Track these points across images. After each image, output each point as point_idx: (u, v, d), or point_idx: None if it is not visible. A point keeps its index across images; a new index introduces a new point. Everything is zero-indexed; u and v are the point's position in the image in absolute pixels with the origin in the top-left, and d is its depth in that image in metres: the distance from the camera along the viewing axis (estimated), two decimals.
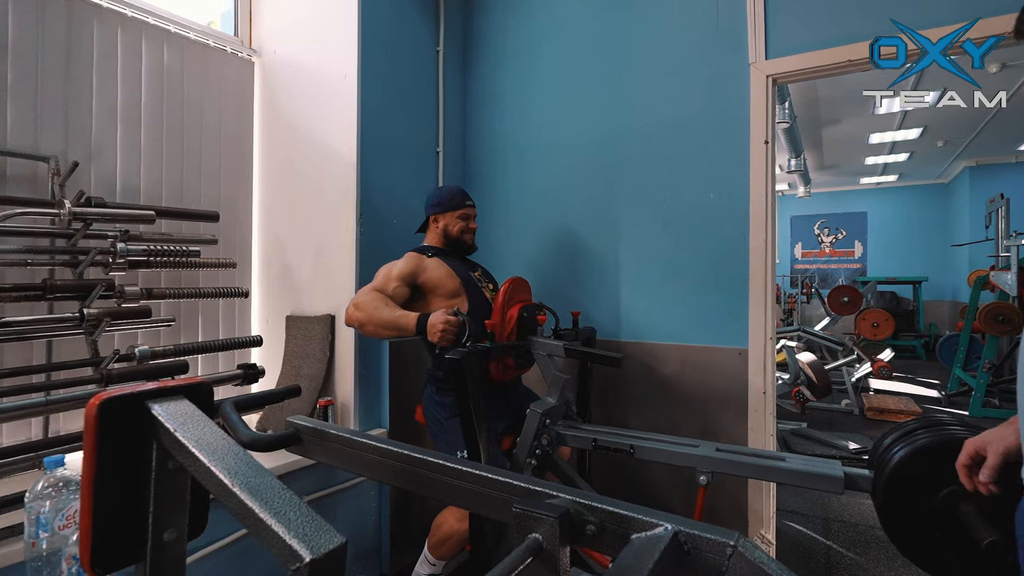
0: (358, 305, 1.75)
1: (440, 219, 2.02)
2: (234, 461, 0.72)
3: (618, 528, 0.81)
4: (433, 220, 2.04)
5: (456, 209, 2.01)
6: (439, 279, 1.90)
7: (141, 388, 0.80)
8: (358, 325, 1.75)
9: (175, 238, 1.90)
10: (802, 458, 1.47)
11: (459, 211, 2.01)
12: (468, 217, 2.04)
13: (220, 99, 2.28)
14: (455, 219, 2.01)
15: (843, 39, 1.91)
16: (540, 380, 2.26)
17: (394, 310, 1.71)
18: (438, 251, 1.99)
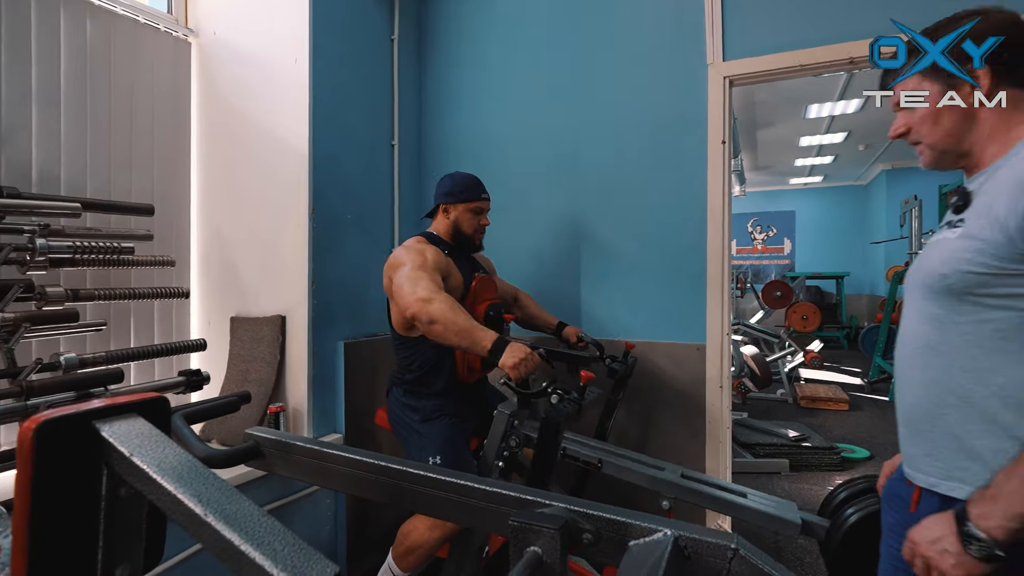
0: (430, 300, 1.55)
1: (451, 211, 1.86)
2: (204, 487, 0.64)
3: (615, 535, 0.79)
4: (443, 210, 1.88)
5: (471, 201, 1.85)
6: (454, 289, 1.77)
7: (87, 407, 0.70)
8: (428, 320, 1.54)
9: (104, 233, 1.72)
10: (762, 497, 1.50)
11: (474, 203, 1.85)
12: (482, 212, 1.89)
13: (153, 82, 2.09)
14: (469, 213, 1.86)
15: (796, 44, 1.98)
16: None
17: (468, 318, 1.55)
18: (450, 248, 1.86)
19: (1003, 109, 0.90)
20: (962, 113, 0.93)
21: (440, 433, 1.75)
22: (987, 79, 0.91)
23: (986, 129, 0.91)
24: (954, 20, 0.95)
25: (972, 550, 0.74)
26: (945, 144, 0.95)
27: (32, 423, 0.66)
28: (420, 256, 1.70)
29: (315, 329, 2.04)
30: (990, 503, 0.75)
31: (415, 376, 1.81)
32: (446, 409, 1.79)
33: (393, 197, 2.49)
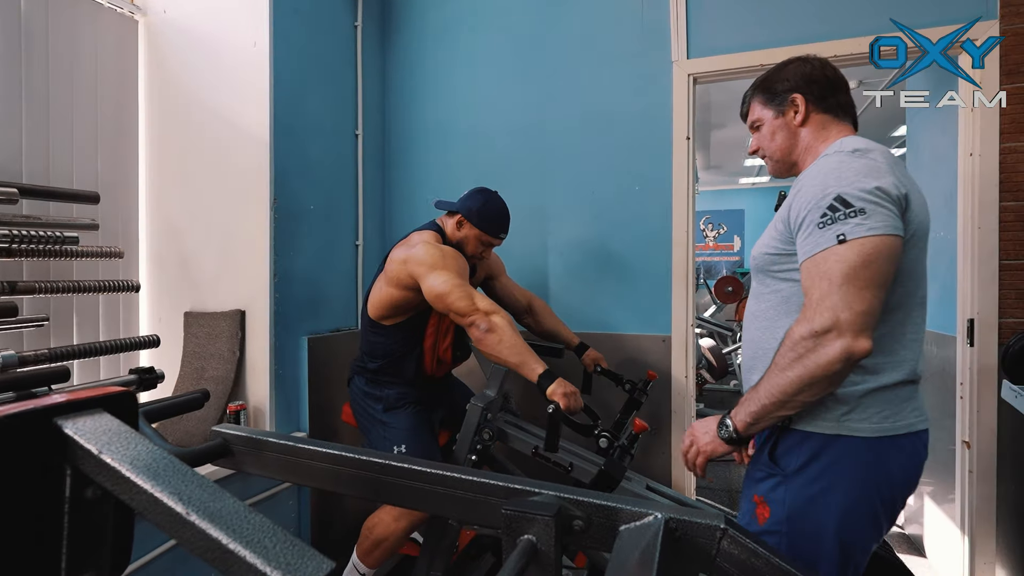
0: (492, 311, 1.56)
1: (466, 227, 1.80)
2: (183, 484, 0.60)
3: (606, 521, 0.80)
4: (460, 221, 1.81)
5: (487, 233, 1.81)
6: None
7: (47, 402, 0.64)
8: (486, 328, 1.54)
9: (45, 222, 1.59)
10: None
11: (487, 237, 1.81)
12: (490, 247, 1.86)
13: (96, 62, 1.95)
14: (478, 241, 1.81)
15: (757, 45, 2.05)
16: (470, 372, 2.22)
17: (523, 348, 1.55)
18: None
19: (815, 129, 1.16)
20: (789, 131, 1.18)
21: (404, 421, 1.72)
22: (802, 106, 1.15)
23: (804, 144, 1.17)
24: (779, 67, 1.21)
25: (721, 432, 1.08)
26: (779, 156, 1.21)
27: None
28: (456, 261, 1.69)
29: (277, 324, 1.96)
30: (739, 407, 1.06)
31: (379, 364, 1.77)
32: (410, 397, 1.77)
33: (357, 187, 2.42)
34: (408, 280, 1.66)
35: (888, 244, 0.95)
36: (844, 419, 1.03)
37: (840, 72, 1.18)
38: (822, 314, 0.94)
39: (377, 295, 1.75)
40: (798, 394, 0.98)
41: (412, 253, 1.68)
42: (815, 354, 0.95)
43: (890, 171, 1.00)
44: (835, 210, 0.97)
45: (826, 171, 1.03)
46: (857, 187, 0.97)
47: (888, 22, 1.87)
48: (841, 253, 0.95)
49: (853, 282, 0.94)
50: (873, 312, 0.95)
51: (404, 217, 2.61)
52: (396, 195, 2.63)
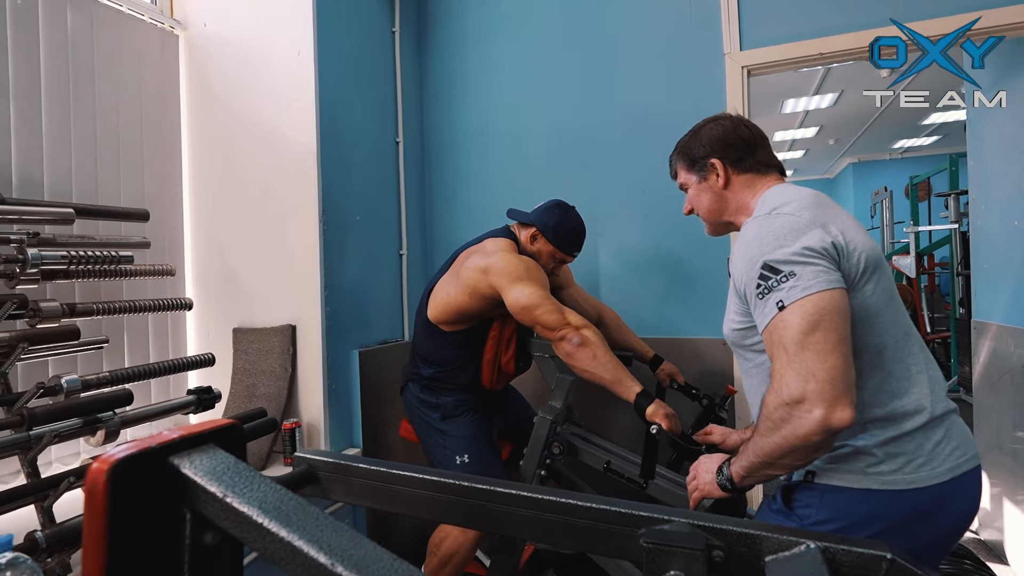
0: (584, 326, 1.52)
1: (541, 242, 1.76)
2: (320, 529, 0.54)
3: (748, 551, 0.72)
4: (535, 235, 1.76)
5: (564, 252, 1.77)
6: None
7: (162, 440, 0.59)
8: (579, 342, 1.50)
9: (100, 242, 1.56)
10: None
11: (562, 255, 1.77)
12: (562, 263, 1.82)
13: (140, 78, 1.93)
14: (553, 258, 1.77)
15: (814, 33, 1.97)
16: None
17: (618, 364, 1.50)
18: None
19: (740, 188, 1.16)
20: (714, 195, 1.19)
21: (463, 430, 1.66)
22: (721, 170, 1.16)
23: (733, 205, 1.17)
24: (696, 130, 1.23)
25: (718, 478, 1.06)
26: (710, 217, 1.22)
27: (104, 463, 0.54)
28: (541, 273, 1.64)
29: (329, 338, 1.91)
30: (737, 457, 1.05)
31: (433, 372, 1.72)
32: (468, 404, 1.71)
33: (399, 196, 2.38)
34: (487, 290, 1.60)
35: (827, 299, 0.91)
36: (872, 471, 0.97)
37: (756, 129, 1.19)
38: (788, 385, 0.91)
39: (444, 299, 1.68)
40: (781, 459, 0.95)
41: (492, 263, 1.62)
42: (791, 424, 0.90)
43: (812, 222, 0.98)
44: (766, 278, 0.95)
45: (749, 240, 1.01)
46: (780, 251, 0.95)
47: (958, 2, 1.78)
48: (786, 320, 0.92)
49: (807, 348, 0.90)
50: (842, 376, 0.89)
51: (445, 224, 2.56)
52: (437, 202, 2.58)
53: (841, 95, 6.04)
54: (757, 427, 0.98)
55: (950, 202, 4.76)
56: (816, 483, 1.01)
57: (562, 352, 1.52)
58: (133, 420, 1.41)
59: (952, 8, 1.83)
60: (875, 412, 0.97)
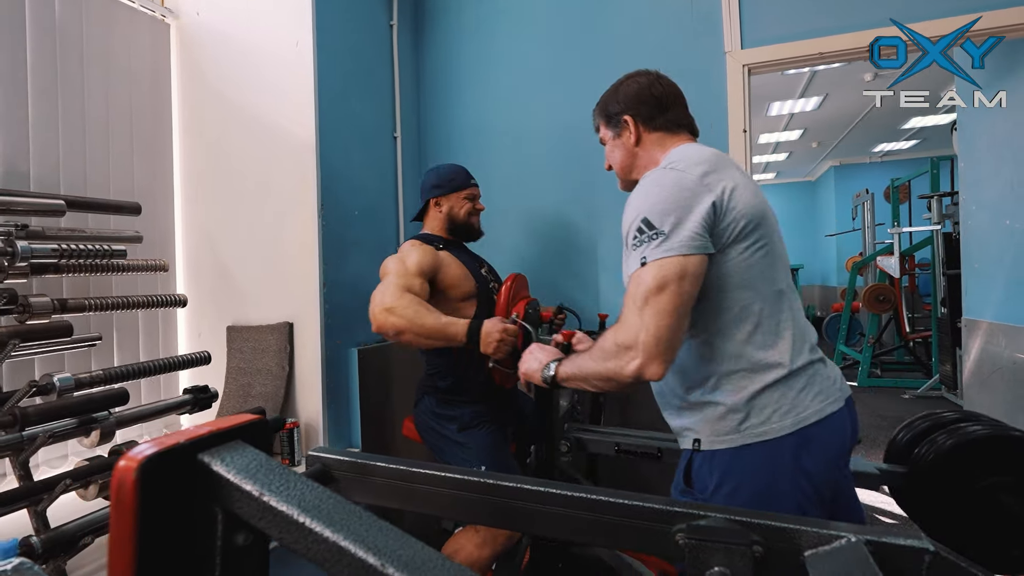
0: (392, 309, 1.47)
1: (443, 202, 1.78)
2: (364, 528, 0.51)
3: (787, 546, 0.71)
4: (435, 204, 1.79)
5: (461, 189, 1.77)
6: (455, 279, 1.68)
7: (190, 436, 0.55)
8: (394, 333, 1.48)
9: (92, 235, 1.50)
10: None
11: (464, 191, 1.78)
12: (475, 197, 1.81)
13: (130, 67, 1.87)
14: (461, 200, 1.78)
15: (817, 32, 1.98)
16: None
17: (438, 316, 1.48)
18: (446, 243, 1.76)
19: (651, 146, 1.19)
20: (626, 151, 1.21)
21: (481, 441, 1.63)
22: (633, 127, 1.19)
23: (642, 162, 1.20)
24: (616, 86, 1.26)
25: (544, 371, 1.15)
26: (622, 173, 1.25)
27: (132, 461, 0.51)
28: (400, 263, 1.63)
29: (327, 336, 1.87)
30: (565, 362, 1.13)
31: (448, 383, 1.69)
32: (485, 415, 1.68)
33: (397, 191, 2.34)
34: None
35: (684, 265, 0.96)
36: (743, 428, 1.03)
37: (671, 87, 1.22)
38: (626, 332, 0.98)
39: None
40: (597, 381, 1.05)
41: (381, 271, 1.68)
42: (614, 362, 0.99)
43: (698, 183, 1.00)
44: (641, 232, 1.00)
45: (640, 191, 1.05)
46: (659, 207, 0.99)
47: (958, 3, 1.81)
48: (642, 276, 0.98)
49: (651, 305, 0.96)
50: (669, 336, 0.96)
51: None
52: None
53: (826, 98, 6.14)
54: (590, 351, 1.07)
55: (933, 204, 4.85)
56: (703, 450, 1.07)
57: (397, 343, 1.54)
58: (128, 420, 1.35)
59: (952, 9, 1.86)
60: (740, 364, 1.03)
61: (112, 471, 0.52)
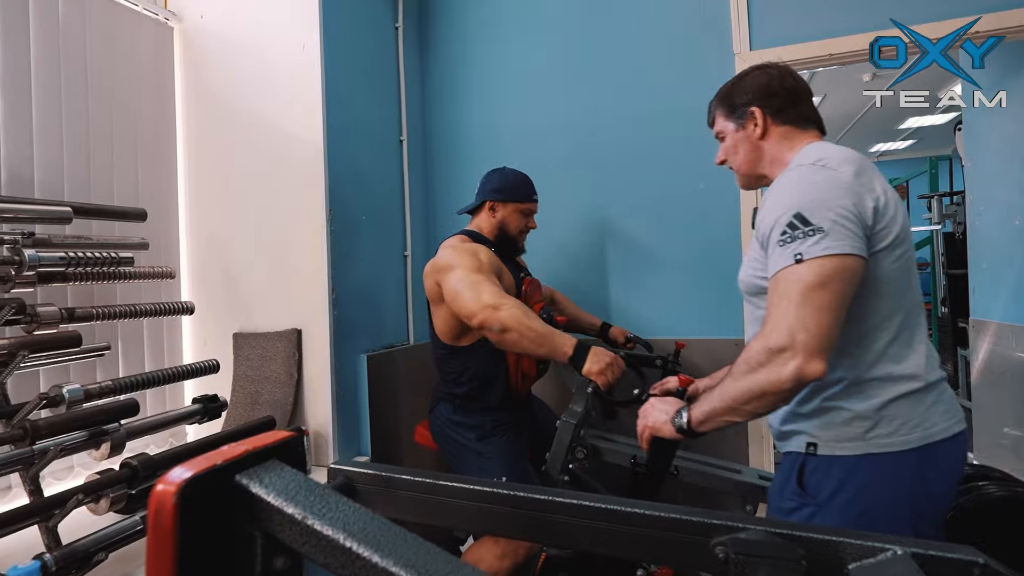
0: (498, 307, 1.42)
1: (499, 209, 1.73)
2: (413, 553, 0.49)
3: (830, 558, 0.69)
4: (490, 207, 1.74)
5: (521, 201, 1.73)
6: (506, 290, 1.62)
7: (228, 457, 0.53)
8: (499, 328, 1.42)
9: (99, 242, 1.48)
10: None
11: (524, 204, 1.74)
12: (531, 214, 1.78)
13: (134, 71, 1.84)
14: (517, 214, 1.74)
15: (826, 33, 1.97)
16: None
17: (543, 322, 1.44)
18: (494, 247, 1.73)
19: (778, 140, 1.13)
20: (751, 145, 1.16)
21: (502, 450, 1.61)
22: (761, 119, 1.13)
23: (768, 157, 1.15)
24: (740, 76, 1.20)
25: (675, 420, 1.07)
26: (744, 169, 1.19)
27: (171, 485, 0.48)
28: (474, 257, 1.56)
29: (336, 342, 1.84)
30: (697, 403, 1.06)
31: (466, 390, 1.66)
32: (504, 424, 1.66)
33: (404, 196, 2.32)
34: (437, 289, 1.59)
35: (846, 264, 0.92)
36: (870, 436, 1.00)
37: (802, 81, 1.17)
38: (779, 333, 0.92)
39: (438, 319, 1.67)
40: (746, 404, 0.97)
41: (434, 260, 1.62)
42: (766, 369, 0.93)
43: (855, 183, 0.97)
44: (794, 228, 0.95)
45: (788, 187, 1.01)
46: (816, 204, 0.95)
47: (960, 6, 1.81)
48: (799, 273, 0.93)
49: (810, 303, 0.92)
50: (829, 334, 0.92)
51: (449, 225, 2.50)
52: (440, 202, 2.52)
53: (824, 99, 6.14)
54: (731, 371, 1.00)
55: (933, 204, 4.87)
56: (820, 455, 1.03)
57: (493, 342, 1.48)
58: (139, 431, 1.33)
59: (957, 10, 1.85)
60: (875, 373, 1.00)
61: (149, 496, 0.50)
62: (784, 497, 1.08)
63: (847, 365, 1.01)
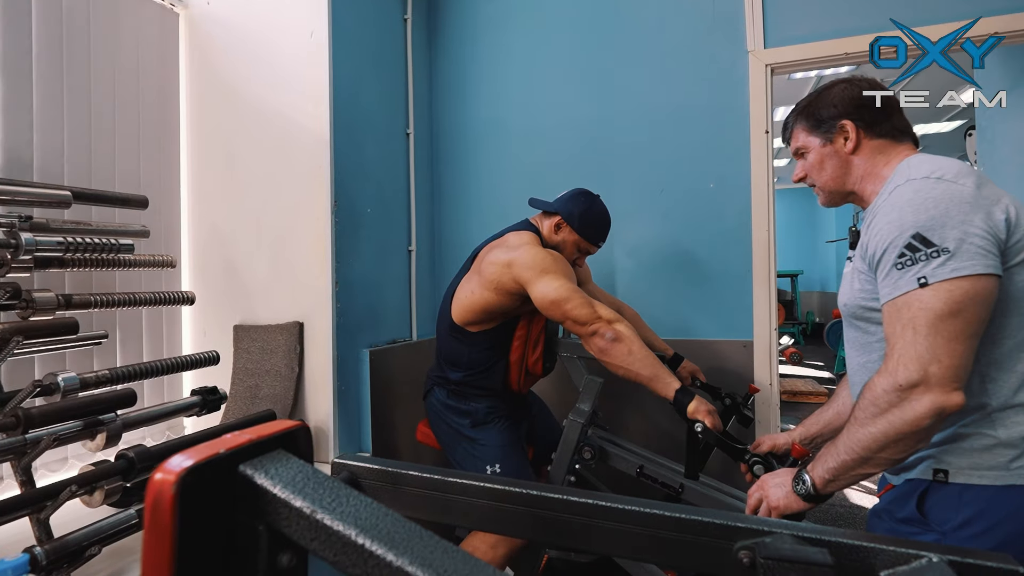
0: (615, 320, 1.44)
1: (565, 231, 1.69)
2: (429, 551, 0.46)
3: (859, 564, 0.66)
4: (559, 223, 1.69)
5: (589, 241, 1.70)
6: None
7: (231, 445, 0.50)
8: (612, 338, 1.42)
9: (99, 228, 1.44)
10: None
11: (587, 244, 1.71)
12: (587, 254, 1.76)
13: (137, 57, 1.81)
14: (577, 248, 1.71)
15: (841, 32, 1.94)
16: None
17: (654, 358, 1.42)
18: None
19: (871, 155, 1.07)
20: (840, 160, 1.10)
21: (495, 438, 1.58)
22: (853, 133, 1.08)
23: (859, 172, 1.08)
24: (823, 89, 1.14)
25: (797, 488, 0.99)
26: (831, 186, 1.12)
27: (170, 474, 0.45)
28: (566, 267, 1.55)
29: (339, 337, 1.81)
30: (817, 462, 0.99)
31: (462, 375, 1.63)
32: (500, 411, 1.63)
33: (409, 189, 2.28)
34: (512, 285, 1.53)
35: (979, 287, 0.86)
36: (1015, 466, 0.93)
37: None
38: (907, 367, 0.87)
39: (469, 298, 1.60)
40: (881, 451, 0.90)
41: (516, 256, 1.54)
42: (900, 409, 0.87)
43: (979, 196, 0.90)
44: (915, 249, 0.89)
45: (901, 204, 0.93)
46: (938, 222, 0.88)
47: (980, 6, 1.78)
48: (925, 299, 0.87)
49: (940, 332, 0.86)
50: (965, 364, 0.86)
51: (454, 221, 2.48)
52: (446, 198, 2.49)
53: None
54: (854, 415, 0.92)
55: None
56: (951, 483, 0.95)
57: (595, 348, 1.45)
58: (136, 422, 1.29)
59: (959, 13, 1.82)
60: (1019, 399, 0.92)
61: (147, 485, 0.46)
62: (896, 521, 1.02)
63: (989, 391, 0.94)
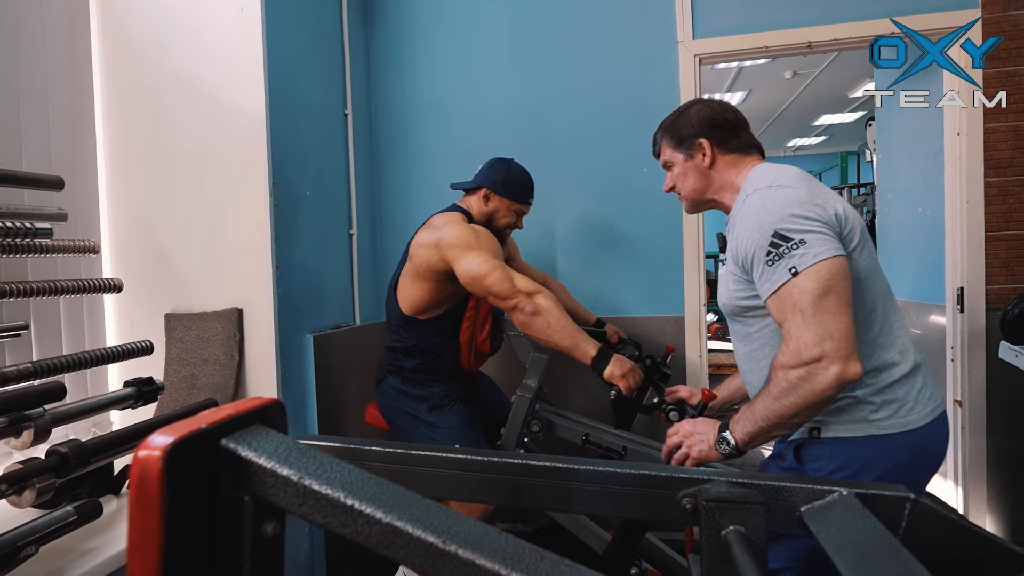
0: (534, 292, 1.46)
1: (494, 200, 1.71)
2: (415, 508, 0.49)
3: (783, 503, 0.77)
4: (485, 195, 1.72)
5: (518, 202, 1.72)
6: None
7: (213, 420, 0.51)
8: (532, 311, 1.45)
9: (10, 212, 1.33)
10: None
11: (519, 206, 1.73)
12: (522, 215, 1.78)
13: (41, 16, 1.66)
14: (510, 211, 1.73)
15: (763, 26, 2.08)
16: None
17: (574, 328, 1.45)
18: None
19: (725, 168, 1.22)
20: (699, 174, 1.24)
21: (453, 420, 1.62)
22: (709, 150, 1.21)
23: (717, 183, 1.23)
24: (683, 110, 1.27)
25: (720, 446, 1.09)
26: (694, 196, 1.27)
27: (155, 449, 0.46)
28: (492, 243, 1.58)
29: (281, 322, 1.77)
30: (737, 423, 1.08)
31: (416, 363, 1.65)
32: (455, 394, 1.66)
33: (348, 172, 2.24)
34: (441, 265, 1.55)
35: (838, 265, 1.00)
36: (872, 418, 1.08)
37: (739, 113, 1.26)
38: (807, 346, 0.98)
39: (409, 290, 1.62)
40: (793, 418, 1.02)
41: (442, 235, 1.57)
42: (809, 383, 0.98)
43: (810, 195, 1.05)
44: (777, 246, 1.01)
45: (756, 211, 1.07)
46: (789, 220, 1.02)
47: (887, 5, 1.96)
48: (801, 285, 0.99)
49: (823, 309, 0.97)
50: (852, 333, 0.99)
51: (395, 203, 2.46)
52: (386, 180, 2.46)
53: (749, 94, 6.49)
54: (767, 390, 1.04)
55: (844, 194, 5.29)
56: (823, 437, 1.10)
57: (517, 321, 1.50)
58: (65, 417, 1.22)
59: (871, 12, 2.01)
60: (871, 363, 1.06)
61: (131, 463, 0.47)
62: (779, 471, 1.15)
63: None
